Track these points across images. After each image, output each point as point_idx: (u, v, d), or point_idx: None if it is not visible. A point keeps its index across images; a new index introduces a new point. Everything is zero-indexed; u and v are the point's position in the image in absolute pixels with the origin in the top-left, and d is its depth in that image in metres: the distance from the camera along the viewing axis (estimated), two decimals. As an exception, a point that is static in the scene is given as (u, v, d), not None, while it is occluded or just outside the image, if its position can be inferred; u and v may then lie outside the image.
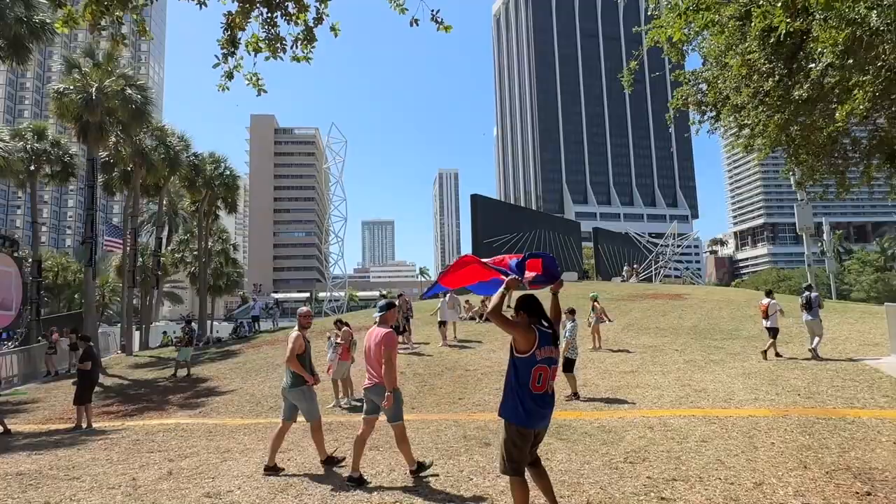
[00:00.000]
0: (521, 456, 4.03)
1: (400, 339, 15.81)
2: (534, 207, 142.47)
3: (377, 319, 5.76)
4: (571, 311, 10.79)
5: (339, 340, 10.97)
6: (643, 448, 6.64)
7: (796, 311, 13.91)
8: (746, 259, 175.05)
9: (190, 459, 7.20)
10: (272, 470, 6.21)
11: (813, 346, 12.50)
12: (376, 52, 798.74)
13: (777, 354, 12.72)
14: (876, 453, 6.05)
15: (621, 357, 13.84)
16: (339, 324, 11.68)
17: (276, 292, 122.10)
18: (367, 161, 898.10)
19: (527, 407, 3.95)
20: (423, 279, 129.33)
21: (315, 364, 6.76)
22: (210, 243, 40.41)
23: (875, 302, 32.08)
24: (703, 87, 9.31)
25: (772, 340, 12.79)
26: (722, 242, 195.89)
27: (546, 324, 4.12)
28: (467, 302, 22.12)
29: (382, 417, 5.80)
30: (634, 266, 34.29)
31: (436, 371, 13.27)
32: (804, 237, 32.03)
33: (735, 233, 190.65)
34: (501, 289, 4.16)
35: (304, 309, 6.55)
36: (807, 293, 13.64)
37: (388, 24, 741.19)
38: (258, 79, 5.00)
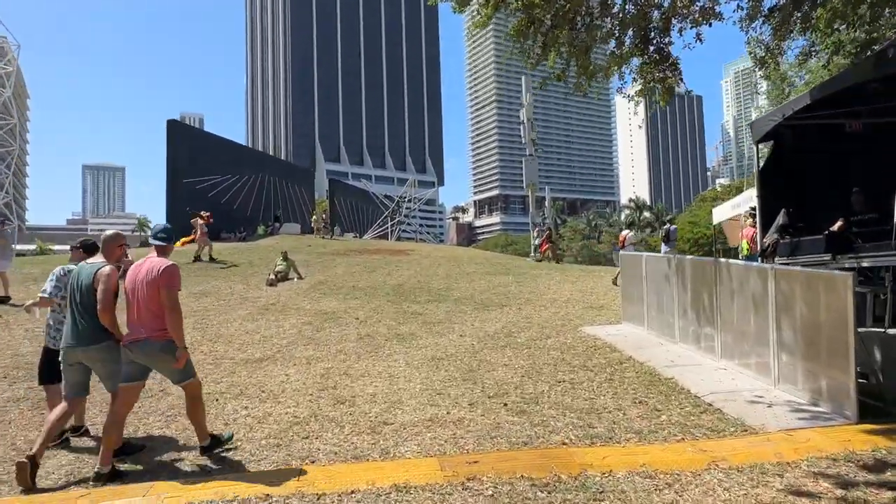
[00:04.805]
0: None
1: None
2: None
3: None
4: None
5: None
6: None
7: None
8: (483, 226, 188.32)
9: None
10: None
11: None
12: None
13: (615, 283, 12.44)
14: None
15: (267, 333, 8.76)
16: None
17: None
18: (95, 98, 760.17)
19: None
20: (140, 234, 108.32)
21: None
22: None
23: (584, 264, 33.89)
24: None
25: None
26: (464, 210, 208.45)
27: None
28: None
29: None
30: (324, 216, 30.51)
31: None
32: (529, 197, 31.56)
33: (475, 201, 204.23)
34: None
35: (111, 232, 4.43)
36: (667, 226, 14.89)
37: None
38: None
